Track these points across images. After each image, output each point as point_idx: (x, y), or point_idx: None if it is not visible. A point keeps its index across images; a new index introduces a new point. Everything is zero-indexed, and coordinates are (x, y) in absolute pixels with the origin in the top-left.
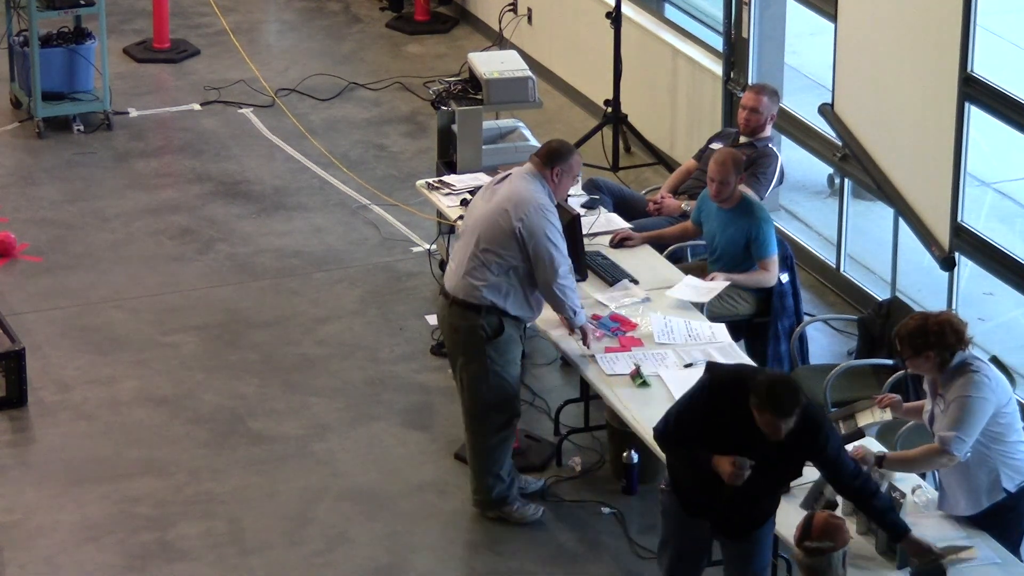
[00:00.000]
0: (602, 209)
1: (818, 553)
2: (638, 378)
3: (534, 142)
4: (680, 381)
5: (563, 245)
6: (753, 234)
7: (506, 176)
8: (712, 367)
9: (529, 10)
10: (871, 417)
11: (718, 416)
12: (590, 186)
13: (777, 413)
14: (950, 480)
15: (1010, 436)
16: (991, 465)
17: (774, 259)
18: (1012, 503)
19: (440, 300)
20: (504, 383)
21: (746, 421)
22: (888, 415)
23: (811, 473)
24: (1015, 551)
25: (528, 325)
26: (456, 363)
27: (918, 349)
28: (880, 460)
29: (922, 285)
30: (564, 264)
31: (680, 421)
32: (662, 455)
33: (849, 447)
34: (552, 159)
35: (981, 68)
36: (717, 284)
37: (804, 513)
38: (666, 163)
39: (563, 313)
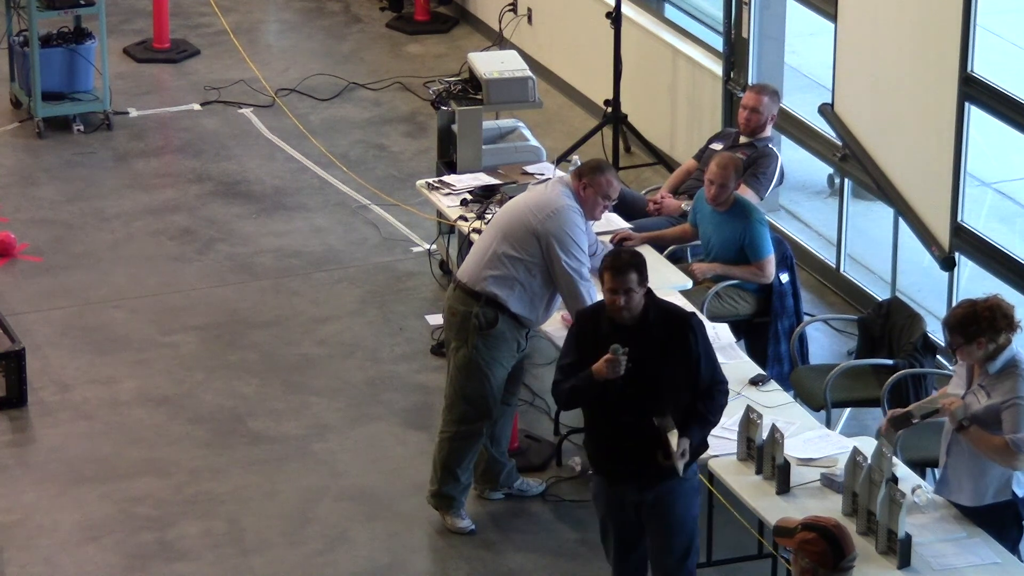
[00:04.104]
0: None
1: (852, 568)
2: None
3: (534, 142)
4: None
5: (581, 252)
6: (747, 238)
7: (546, 180)
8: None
9: (529, 10)
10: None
11: (588, 342)
12: None
13: (613, 268)
14: (959, 469)
15: None
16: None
17: (769, 259)
18: (1015, 503)
19: (449, 285)
20: (484, 379)
21: (611, 336)
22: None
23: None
24: (1013, 550)
25: (529, 332)
26: (449, 347)
27: (971, 336)
28: (963, 425)
29: (922, 285)
30: (582, 268)
31: (562, 366)
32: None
33: (943, 400)
34: (582, 172)
35: (981, 68)
36: None
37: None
38: (666, 163)
39: None
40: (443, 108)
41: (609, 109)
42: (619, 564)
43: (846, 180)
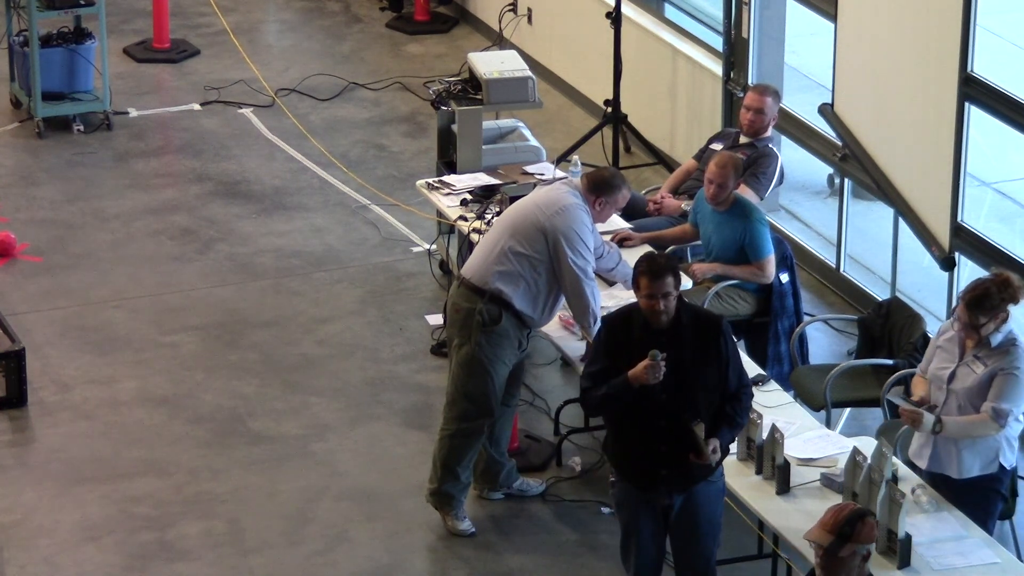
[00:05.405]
0: None
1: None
2: None
3: (534, 142)
4: None
5: (587, 250)
6: (747, 238)
7: (558, 179)
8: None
9: (529, 10)
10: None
11: (619, 348)
12: None
13: (650, 273)
14: (950, 440)
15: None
16: (997, 437)
17: (769, 259)
18: (998, 478)
19: (453, 282)
20: (487, 376)
21: (644, 341)
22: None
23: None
24: (991, 521)
25: (531, 332)
26: (452, 344)
27: (994, 308)
28: (935, 426)
29: (922, 285)
30: (588, 267)
31: (591, 372)
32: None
33: (905, 416)
34: (599, 189)
35: (981, 68)
36: None
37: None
38: (666, 163)
39: (583, 321)
40: (443, 108)
41: (609, 109)
42: (640, 570)
43: (846, 180)
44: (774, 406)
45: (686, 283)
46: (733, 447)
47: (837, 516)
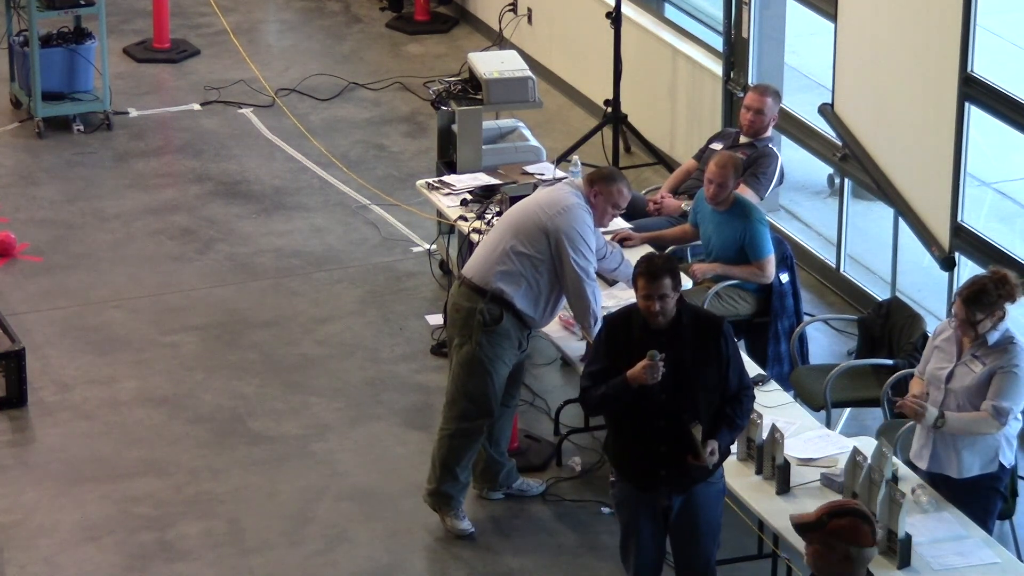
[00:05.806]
0: None
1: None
2: None
3: (534, 142)
4: None
5: (589, 251)
6: (747, 238)
7: (559, 179)
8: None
9: (529, 10)
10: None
11: (619, 348)
12: None
13: (647, 274)
14: (947, 440)
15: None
16: (996, 436)
17: (769, 259)
18: (997, 477)
19: (454, 282)
20: (487, 376)
21: (644, 341)
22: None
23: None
24: (991, 520)
25: (531, 333)
26: (452, 343)
27: (991, 305)
28: (938, 421)
29: (922, 285)
30: (589, 268)
31: (591, 372)
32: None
33: (906, 407)
34: (594, 180)
35: (981, 68)
36: None
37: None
38: (666, 163)
39: (584, 322)
40: (443, 108)
41: (609, 109)
42: (640, 570)
43: (846, 180)
44: (774, 406)
45: (686, 283)
46: (733, 447)
47: (826, 505)
